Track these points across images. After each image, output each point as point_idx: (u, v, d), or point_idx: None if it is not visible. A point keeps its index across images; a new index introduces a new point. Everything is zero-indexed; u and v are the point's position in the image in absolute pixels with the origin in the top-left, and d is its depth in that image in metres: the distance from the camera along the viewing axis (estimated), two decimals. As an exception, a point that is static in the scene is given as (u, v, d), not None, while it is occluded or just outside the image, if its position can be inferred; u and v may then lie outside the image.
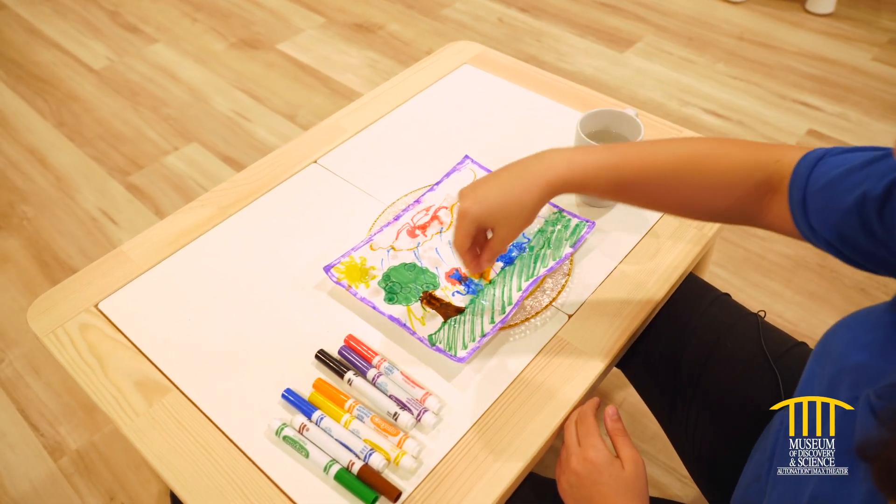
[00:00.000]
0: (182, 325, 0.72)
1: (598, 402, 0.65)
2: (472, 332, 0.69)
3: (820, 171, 0.50)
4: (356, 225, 0.82)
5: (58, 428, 1.23)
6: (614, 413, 0.63)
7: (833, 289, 1.34)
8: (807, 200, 0.51)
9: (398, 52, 2.13)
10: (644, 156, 0.58)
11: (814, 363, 0.49)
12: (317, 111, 1.91)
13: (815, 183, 0.50)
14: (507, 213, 0.58)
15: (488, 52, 1.11)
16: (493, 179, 0.60)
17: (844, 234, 0.48)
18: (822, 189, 0.50)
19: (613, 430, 0.62)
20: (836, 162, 0.50)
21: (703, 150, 0.57)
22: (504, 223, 0.59)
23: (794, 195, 0.52)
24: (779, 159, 0.54)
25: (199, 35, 2.26)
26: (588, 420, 0.62)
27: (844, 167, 0.49)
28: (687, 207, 0.60)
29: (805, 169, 0.51)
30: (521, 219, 0.59)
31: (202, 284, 0.76)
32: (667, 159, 0.57)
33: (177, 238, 0.81)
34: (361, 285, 0.74)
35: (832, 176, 0.49)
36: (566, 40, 2.13)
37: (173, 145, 1.83)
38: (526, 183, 0.58)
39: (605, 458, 0.58)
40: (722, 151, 0.56)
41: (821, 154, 0.52)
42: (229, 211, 0.84)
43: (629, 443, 0.61)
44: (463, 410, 0.64)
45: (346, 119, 0.98)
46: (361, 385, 0.65)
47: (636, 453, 0.60)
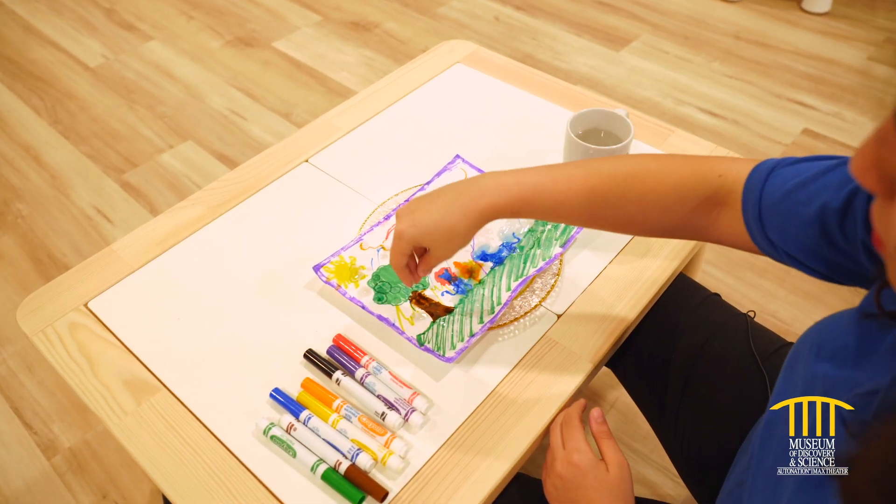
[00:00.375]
0: (171, 325, 0.72)
1: (585, 404, 0.65)
2: (460, 333, 0.69)
3: (773, 183, 0.49)
4: (346, 224, 0.82)
5: (51, 426, 1.23)
6: (599, 416, 0.63)
7: (827, 288, 1.34)
8: (763, 215, 0.50)
9: (394, 51, 2.13)
10: (580, 176, 0.57)
11: (786, 370, 0.49)
12: (312, 109, 1.91)
13: (769, 196, 0.49)
14: (440, 237, 0.59)
15: (481, 51, 1.11)
16: (430, 202, 0.60)
17: (805, 246, 0.47)
18: (778, 202, 0.49)
19: (598, 433, 0.62)
20: (789, 173, 0.49)
21: (641, 167, 0.56)
22: (438, 245, 0.60)
23: (749, 210, 0.51)
24: (721, 174, 0.53)
25: (195, 33, 2.26)
26: (573, 423, 0.62)
27: (799, 178, 0.47)
28: (630, 225, 0.59)
29: (757, 182, 0.50)
30: (455, 242, 0.60)
31: (192, 284, 0.76)
32: (604, 178, 0.57)
33: (167, 237, 0.81)
34: (351, 285, 0.74)
35: (787, 188, 0.48)
36: (562, 39, 2.13)
37: (168, 143, 1.83)
38: (460, 209, 0.58)
39: (590, 461, 0.58)
40: (660, 168, 0.56)
41: (771, 166, 0.50)
42: (220, 210, 0.84)
43: (614, 445, 0.60)
44: (450, 411, 0.64)
45: (338, 118, 0.98)
46: (349, 385, 0.65)
47: (621, 456, 0.60)
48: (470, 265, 0.76)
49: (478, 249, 0.78)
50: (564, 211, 0.58)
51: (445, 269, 0.76)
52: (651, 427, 0.79)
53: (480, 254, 0.77)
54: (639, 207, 0.57)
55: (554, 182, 0.57)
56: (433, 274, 0.75)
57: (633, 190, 0.56)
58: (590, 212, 0.58)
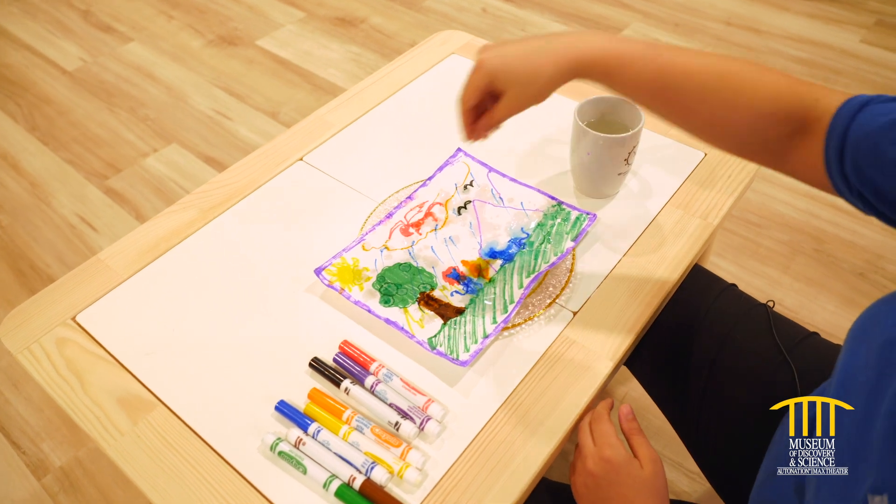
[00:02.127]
0: (166, 337, 0.68)
1: (612, 402, 0.62)
2: (473, 334, 0.65)
3: (863, 118, 0.45)
4: (347, 224, 0.78)
5: (40, 445, 1.18)
6: (629, 412, 0.60)
7: (831, 274, 1.32)
8: (845, 149, 0.46)
9: (381, 46, 2.08)
10: (683, 58, 0.53)
11: (853, 343, 0.46)
12: (299, 108, 1.86)
13: (856, 131, 0.46)
14: (521, 76, 0.55)
15: (476, 41, 1.07)
16: (520, 42, 0.57)
17: (882, 189, 0.44)
18: (863, 139, 0.45)
19: (629, 430, 0.59)
20: (882, 110, 0.45)
21: (743, 69, 0.53)
22: (515, 87, 0.56)
23: (832, 142, 0.47)
24: (819, 98, 0.49)
25: (175, 33, 2.20)
26: (603, 420, 0.59)
27: (890, 117, 0.44)
28: (712, 126, 0.55)
29: (846, 115, 0.46)
30: (534, 88, 0.56)
31: (186, 292, 0.72)
32: (705, 67, 0.53)
33: (157, 244, 0.77)
34: (355, 288, 0.70)
35: (876, 125, 0.44)
36: (551, 29, 2.09)
37: (152, 147, 1.77)
38: (553, 52, 0.54)
39: (623, 457, 0.56)
40: (761, 75, 0.52)
41: (865, 101, 0.46)
42: (212, 213, 0.80)
43: (646, 442, 0.58)
44: (468, 417, 0.60)
45: (331, 114, 0.94)
46: (359, 394, 0.62)
47: (654, 452, 0.57)
48: (478, 263, 0.73)
49: (486, 246, 0.74)
50: (656, 88, 0.54)
51: (453, 268, 0.72)
52: (670, 424, 0.77)
53: (489, 251, 0.74)
54: (727, 109, 0.52)
55: (657, 54, 0.54)
56: (441, 274, 0.72)
57: (727, 90, 0.52)
58: (679, 98, 0.54)
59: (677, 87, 0.54)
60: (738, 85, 0.52)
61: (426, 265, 0.72)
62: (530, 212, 0.77)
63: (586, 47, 0.54)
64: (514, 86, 0.56)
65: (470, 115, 0.60)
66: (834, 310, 1.26)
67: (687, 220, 0.77)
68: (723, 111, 0.53)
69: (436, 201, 0.79)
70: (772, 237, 1.41)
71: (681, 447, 0.75)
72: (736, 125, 0.53)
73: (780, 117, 0.51)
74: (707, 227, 0.76)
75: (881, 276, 1.31)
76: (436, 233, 0.76)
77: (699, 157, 0.84)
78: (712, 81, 0.53)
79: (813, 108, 0.49)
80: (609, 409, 0.61)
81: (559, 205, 0.77)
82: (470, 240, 0.75)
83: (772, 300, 0.74)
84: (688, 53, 0.54)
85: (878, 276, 1.31)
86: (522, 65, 0.55)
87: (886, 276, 1.30)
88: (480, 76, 0.57)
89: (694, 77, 0.53)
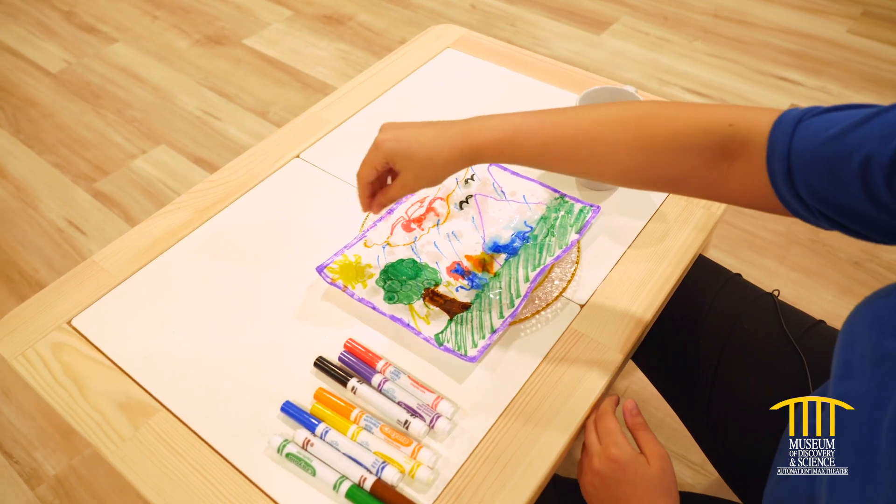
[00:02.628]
0: (166, 339, 0.66)
1: (618, 399, 0.61)
2: (480, 329, 0.64)
3: (803, 135, 0.44)
4: (347, 221, 0.76)
5: (33, 454, 1.15)
6: (634, 408, 0.59)
7: (828, 264, 1.33)
8: (792, 172, 0.44)
9: (370, 43, 2.07)
10: (572, 120, 0.53)
11: (845, 350, 0.45)
12: (289, 107, 1.84)
13: (800, 150, 0.43)
14: (417, 161, 0.56)
15: (471, 34, 1.06)
16: (419, 126, 0.58)
17: (842, 203, 0.42)
18: (811, 159, 0.43)
19: (634, 426, 0.58)
20: (820, 123, 0.43)
21: (638, 112, 0.52)
22: (410, 170, 0.57)
23: (775, 166, 0.45)
24: (732, 123, 0.47)
25: (161, 33, 2.17)
26: (607, 417, 0.58)
27: (833, 129, 0.42)
28: (624, 175, 0.54)
29: (783, 135, 0.44)
30: (428, 173, 0.57)
31: (184, 293, 0.70)
32: (597, 120, 0.52)
33: (153, 245, 0.75)
34: (358, 285, 0.69)
35: (820, 140, 0.42)
36: (541, 24, 2.09)
37: (140, 148, 1.75)
38: (447, 140, 0.56)
39: (629, 454, 0.55)
40: (661, 114, 0.51)
41: (797, 116, 0.45)
42: (208, 213, 0.79)
43: (653, 438, 0.57)
44: (478, 414, 0.60)
45: (327, 111, 0.93)
46: (367, 392, 0.61)
47: (661, 448, 0.56)
48: (482, 258, 0.72)
49: (489, 241, 0.73)
50: (552, 156, 0.54)
51: (457, 263, 0.71)
52: (679, 417, 0.76)
53: (492, 245, 0.73)
54: (631, 156, 0.52)
55: (542, 124, 0.54)
56: (445, 269, 0.71)
57: (626, 136, 0.51)
58: (579, 157, 0.54)
59: (575, 150, 0.53)
60: (639, 132, 0.51)
61: (430, 261, 0.71)
62: (533, 205, 0.77)
63: (473, 138, 0.55)
64: (410, 168, 0.57)
65: (367, 189, 0.61)
66: (831, 299, 1.26)
67: (691, 209, 0.76)
68: (623, 157, 0.52)
69: (437, 196, 0.78)
70: (767, 228, 1.41)
71: (683, 439, 0.75)
72: (654, 170, 0.52)
73: (697, 153, 0.49)
74: (711, 217, 0.75)
75: (877, 265, 1.31)
76: (438, 228, 0.75)
77: (700, 148, 0.83)
78: (602, 131, 0.52)
79: (731, 134, 0.47)
80: (614, 405, 0.60)
81: (562, 197, 0.77)
82: (473, 234, 0.74)
83: (777, 289, 0.74)
84: (578, 113, 0.54)
85: (874, 264, 1.32)
86: (419, 150, 0.56)
87: (882, 264, 1.31)
88: (377, 156, 0.58)
89: (598, 134, 0.52)
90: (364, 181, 0.60)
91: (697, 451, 0.78)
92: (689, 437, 0.76)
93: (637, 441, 0.57)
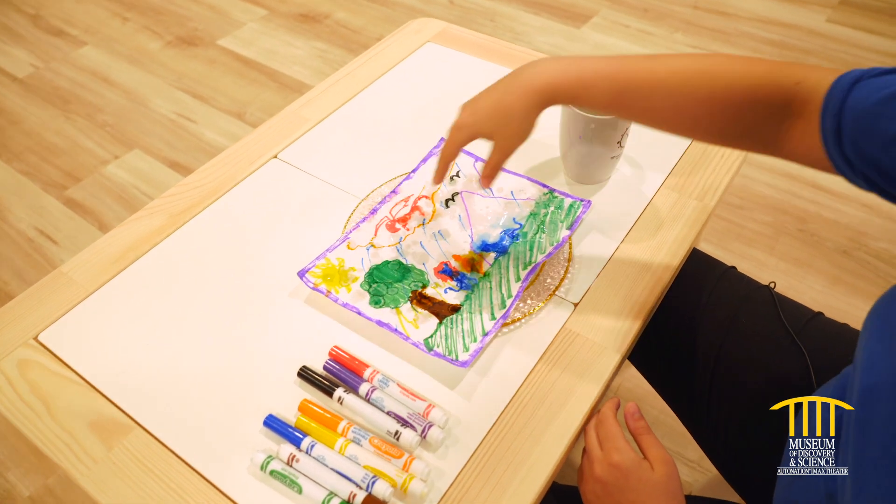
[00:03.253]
0: (139, 353, 0.63)
1: (618, 402, 0.58)
2: (471, 332, 0.62)
3: (857, 95, 0.43)
4: (329, 223, 0.73)
5: (6, 475, 1.10)
6: (636, 411, 0.57)
7: (816, 253, 1.32)
8: (842, 130, 0.44)
9: (348, 41, 2.03)
10: (649, 66, 0.53)
11: (874, 342, 0.43)
12: (266, 107, 1.80)
13: (851, 110, 0.43)
14: (497, 122, 0.57)
15: (451, 28, 1.03)
16: (489, 89, 0.59)
17: (884, 166, 0.42)
18: (860, 116, 0.43)
19: (636, 430, 0.56)
20: (877, 84, 0.43)
21: (714, 64, 0.51)
22: (497, 133, 0.58)
23: (827, 123, 0.45)
24: (800, 81, 0.47)
25: (132, 35, 2.11)
26: (608, 422, 0.55)
27: (887, 91, 0.42)
28: (696, 127, 0.55)
29: (839, 93, 0.44)
30: (512, 128, 0.57)
31: (158, 304, 0.67)
32: (674, 70, 0.52)
33: (124, 254, 0.72)
34: (342, 289, 0.66)
35: (873, 101, 0.42)
36: (521, 19, 2.07)
37: (113, 154, 1.70)
38: (518, 89, 0.56)
39: (632, 460, 0.52)
40: (733, 68, 0.51)
41: (856, 76, 0.44)
42: (182, 218, 0.75)
43: (656, 442, 0.55)
44: (472, 421, 0.57)
45: (304, 109, 0.89)
46: (354, 403, 0.57)
47: (665, 453, 0.54)
48: (471, 257, 0.69)
49: (478, 240, 0.71)
50: (626, 101, 0.54)
51: (445, 263, 0.68)
52: (678, 416, 0.74)
53: (481, 244, 0.70)
54: (705, 109, 0.52)
55: (618, 70, 0.54)
56: (432, 270, 0.68)
57: (701, 89, 0.51)
58: (652, 106, 0.54)
59: (651, 96, 0.53)
60: (711, 85, 0.51)
61: (416, 262, 0.68)
62: (521, 201, 0.74)
63: (544, 78, 0.55)
64: (496, 132, 0.58)
65: (447, 166, 0.62)
66: (821, 289, 1.25)
67: (683, 202, 0.74)
68: (703, 112, 0.52)
69: (421, 194, 0.75)
70: (755, 219, 1.40)
71: (678, 437, 0.73)
72: (719, 124, 0.52)
73: (761, 109, 0.49)
74: (704, 209, 0.73)
75: (865, 254, 1.31)
76: (424, 227, 0.72)
77: (690, 138, 0.81)
78: (685, 83, 0.52)
79: (797, 93, 0.47)
80: (615, 409, 0.57)
81: (551, 192, 0.74)
82: (460, 233, 0.71)
83: (773, 281, 0.72)
84: (655, 59, 0.54)
85: (862, 252, 1.31)
86: (494, 111, 0.57)
87: (870, 252, 1.30)
88: (460, 136, 0.59)
89: (665, 82, 0.52)
90: (446, 161, 0.61)
91: (695, 448, 0.76)
92: (686, 434, 0.74)
93: (640, 446, 0.55)
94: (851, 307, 1.21)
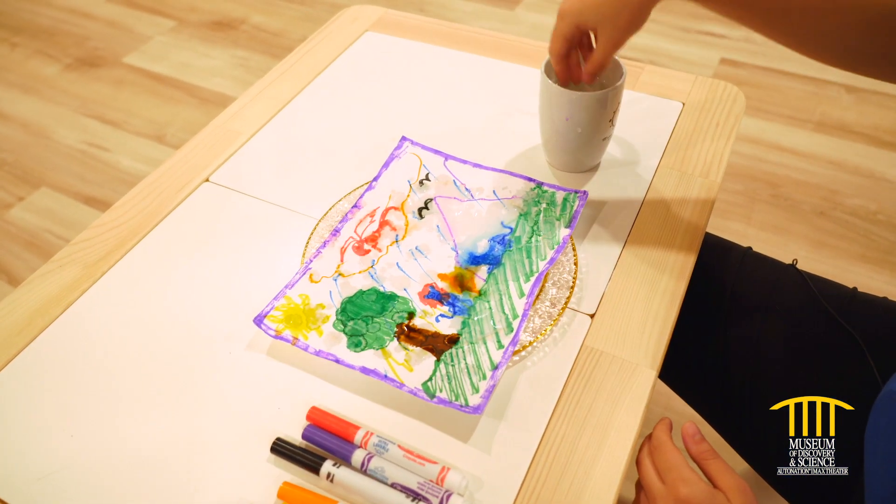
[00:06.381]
0: (63, 447, 0.49)
1: (670, 422, 0.49)
2: (478, 368, 0.51)
3: None
4: (283, 253, 0.61)
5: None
6: (696, 432, 0.48)
7: (793, 218, 1.27)
8: None
9: (269, 46, 1.88)
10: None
11: None
12: (188, 126, 1.64)
13: None
14: (607, 12, 0.51)
15: (391, 13, 0.92)
16: None
17: None
18: None
19: (701, 454, 0.47)
20: None
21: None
22: (606, 23, 0.52)
23: None
24: None
25: (23, 61, 1.90)
26: (666, 448, 0.46)
27: None
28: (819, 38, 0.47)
29: None
30: (624, 17, 0.51)
31: (82, 381, 0.53)
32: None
33: (31, 319, 0.57)
34: (312, 333, 0.54)
35: None
36: (452, 5, 1.96)
37: (16, 195, 1.50)
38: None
39: (704, 492, 0.44)
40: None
41: None
42: (101, 267, 0.61)
43: (726, 467, 0.46)
44: (496, 481, 0.46)
45: (233, 122, 0.76)
46: (348, 478, 0.46)
47: (739, 479, 0.45)
48: (459, 273, 0.58)
49: (463, 252, 0.60)
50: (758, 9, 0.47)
51: (430, 285, 0.57)
52: (710, 423, 0.65)
53: (468, 257, 0.59)
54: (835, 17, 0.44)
55: None
56: (417, 296, 0.56)
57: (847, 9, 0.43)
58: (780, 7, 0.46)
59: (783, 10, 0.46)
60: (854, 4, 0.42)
61: (396, 288, 0.57)
62: (506, 200, 0.64)
63: None
64: (605, 21, 0.52)
65: (563, 64, 0.57)
66: (806, 255, 1.20)
67: (687, 180, 0.65)
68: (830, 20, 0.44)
69: (389, 206, 0.64)
70: (726, 188, 1.35)
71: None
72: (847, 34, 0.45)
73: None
74: (712, 186, 0.65)
75: (841, 213, 1.27)
76: (398, 245, 0.60)
77: (678, 108, 0.73)
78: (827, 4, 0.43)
79: None
80: (669, 431, 0.48)
81: (539, 186, 0.64)
82: (442, 247, 0.60)
83: (795, 259, 0.65)
84: None
85: (839, 212, 1.27)
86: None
87: (846, 210, 1.27)
88: (564, 24, 0.54)
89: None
90: (558, 55, 0.56)
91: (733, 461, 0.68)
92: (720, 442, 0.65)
93: (707, 473, 0.46)
94: (838, 269, 1.17)
